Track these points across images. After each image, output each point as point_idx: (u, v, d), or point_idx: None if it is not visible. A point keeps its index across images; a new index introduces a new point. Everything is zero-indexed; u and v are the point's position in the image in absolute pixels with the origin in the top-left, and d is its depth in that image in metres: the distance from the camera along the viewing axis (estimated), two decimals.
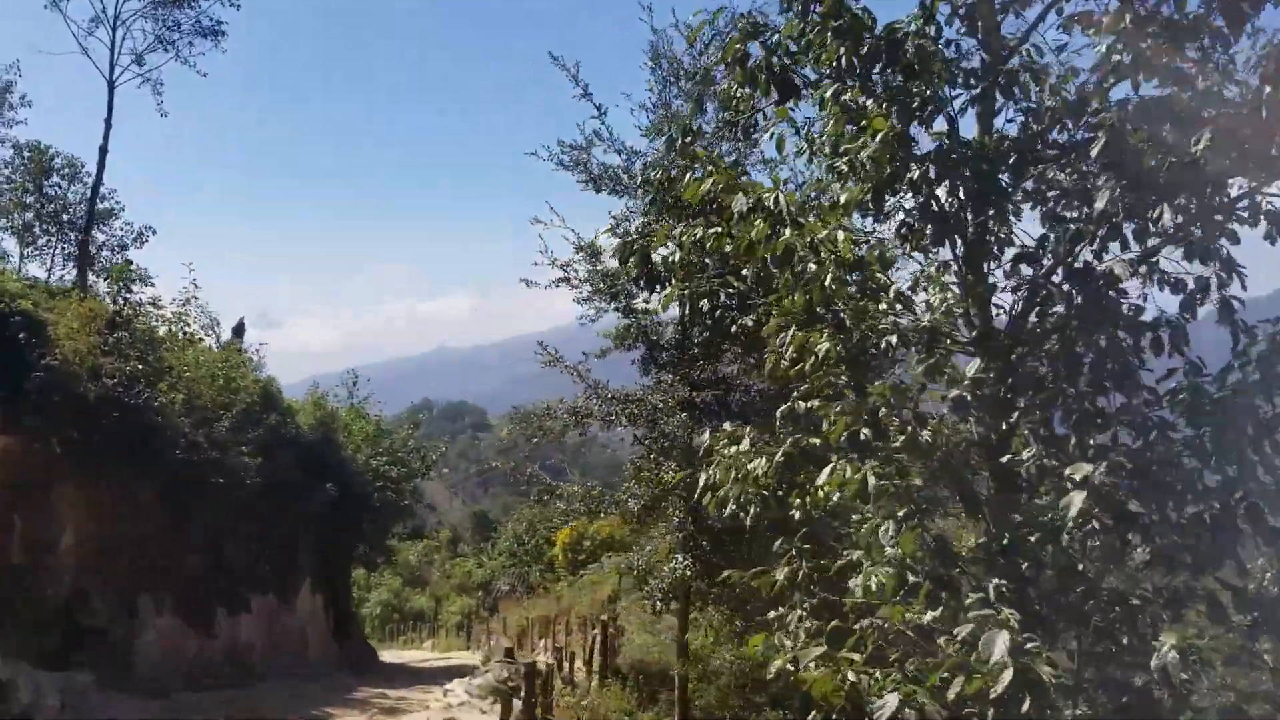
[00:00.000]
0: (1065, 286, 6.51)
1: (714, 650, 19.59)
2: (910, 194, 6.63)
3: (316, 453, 24.39)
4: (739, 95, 8.13)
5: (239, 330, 24.98)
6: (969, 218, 6.61)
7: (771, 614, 6.52)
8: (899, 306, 6.61)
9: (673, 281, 7.45)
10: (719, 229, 6.90)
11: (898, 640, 5.98)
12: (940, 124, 6.63)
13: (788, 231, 6.15)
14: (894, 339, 6.19)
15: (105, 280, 18.42)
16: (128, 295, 17.93)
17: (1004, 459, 6.24)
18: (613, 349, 13.94)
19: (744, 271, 8.00)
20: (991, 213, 6.70)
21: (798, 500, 6.80)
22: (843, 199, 6.53)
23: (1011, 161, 6.53)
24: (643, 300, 13.58)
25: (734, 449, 7.06)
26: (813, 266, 6.40)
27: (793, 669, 5.99)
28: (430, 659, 41.32)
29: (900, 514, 5.87)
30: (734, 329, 7.09)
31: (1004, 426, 6.34)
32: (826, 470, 5.76)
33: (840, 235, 6.20)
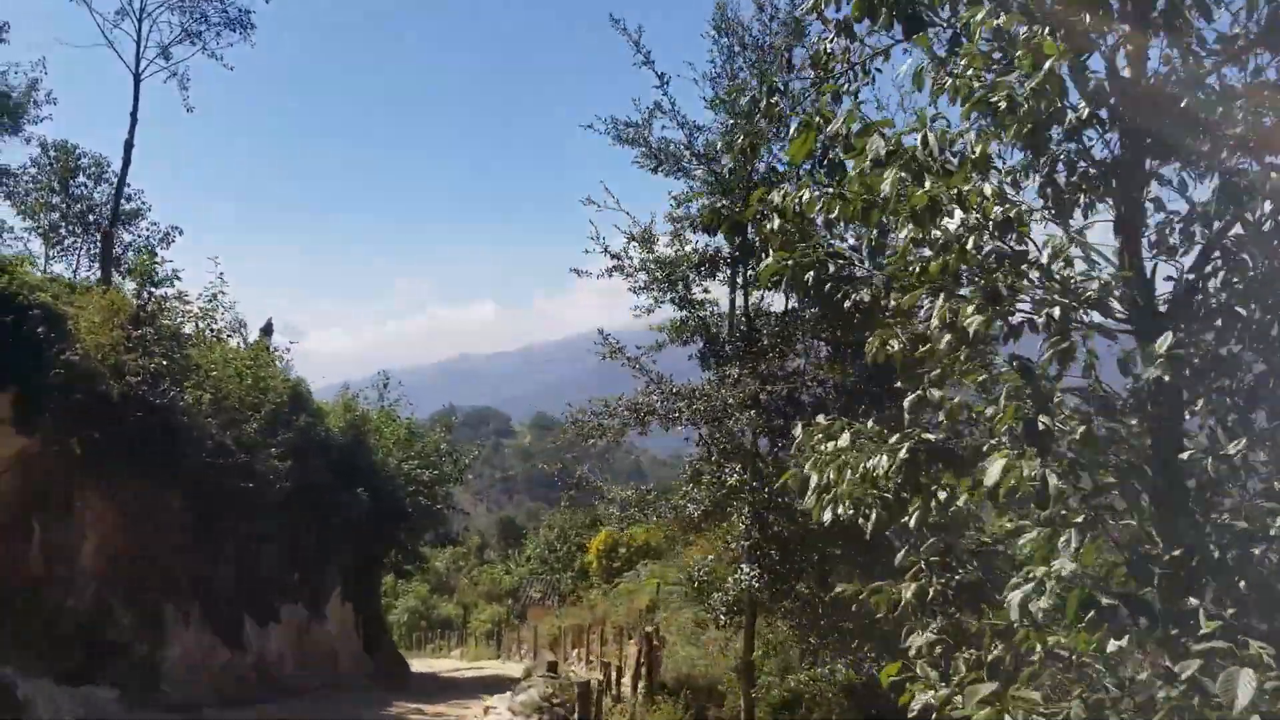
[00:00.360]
0: (1242, 252, 5.54)
1: (763, 664, 18.58)
2: (1064, 144, 5.67)
3: (348, 456, 23.53)
4: (829, 53, 7.17)
5: (267, 330, 24.19)
6: (1125, 172, 5.65)
7: (913, 639, 5.51)
8: (1037, 276, 5.62)
9: (768, 253, 6.47)
10: (830, 189, 5.93)
11: (1068, 672, 4.98)
12: (1095, 62, 5.65)
13: (929, 182, 5.17)
14: (1055, 312, 5.15)
15: (129, 276, 17.50)
16: (152, 290, 17.09)
17: (1184, 455, 5.23)
18: (667, 343, 12.97)
19: (849, 240, 7.04)
20: (1154, 164, 5.74)
21: (918, 504, 5.85)
22: (976, 150, 5.49)
23: (1183, 104, 5.51)
24: (701, 290, 12.62)
25: (831, 445, 6.12)
26: (941, 228, 5.44)
27: (936, 704, 5.04)
28: (461, 669, 40.39)
29: (1078, 520, 4.87)
30: (846, 304, 6.07)
31: (1185, 416, 5.34)
32: (996, 467, 4.72)
33: (987, 188, 5.21)
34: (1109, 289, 5.48)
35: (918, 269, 5.74)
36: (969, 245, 5.29)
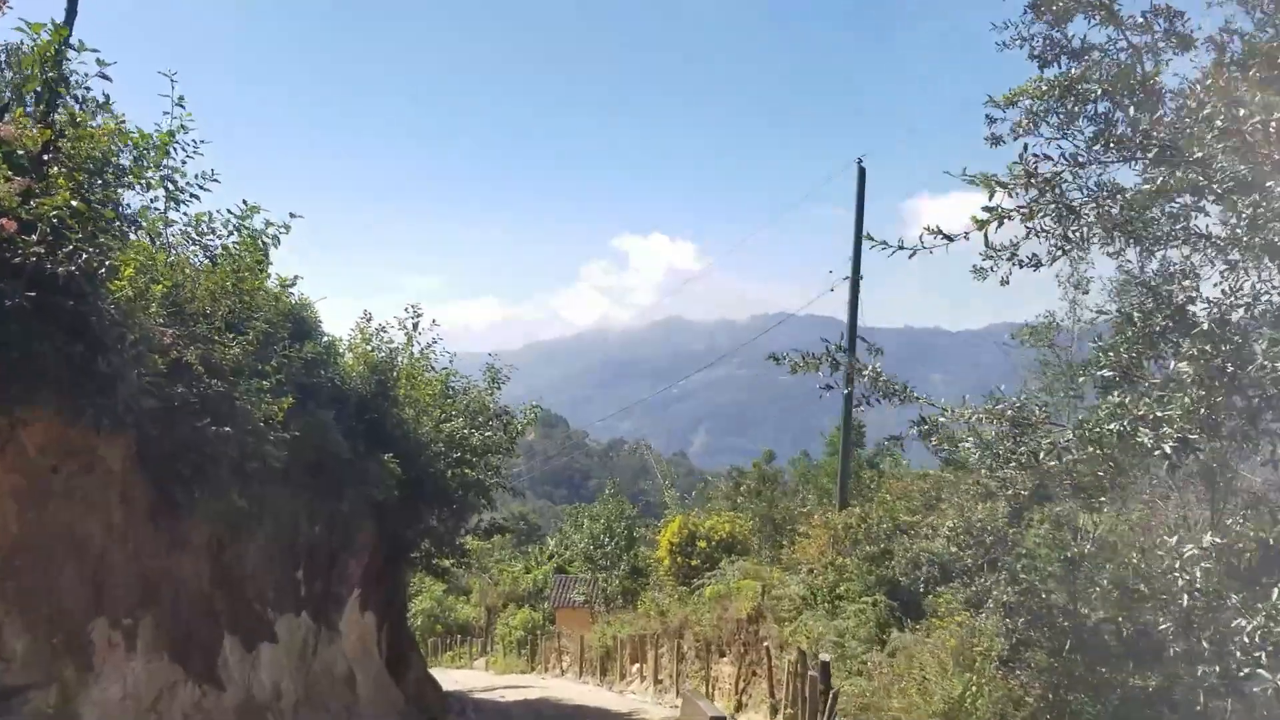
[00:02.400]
0: None
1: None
2: None
3: (369, 410, 17.14)
4: None
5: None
6: None
7: None
8: None
9: None
10: None
11: None
12: None
13: None
14: None
15: (22, 71, 10.91)
16: (62, 96, 10.61)
17: None
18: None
19: None
20: None
21: None
22: None
23: None
24: None
25: None
26: None
27: None
28: (497, 685, 34.32)
29: None
30: None
31: None
32: None
33: None
34: None
35: None
36: None
